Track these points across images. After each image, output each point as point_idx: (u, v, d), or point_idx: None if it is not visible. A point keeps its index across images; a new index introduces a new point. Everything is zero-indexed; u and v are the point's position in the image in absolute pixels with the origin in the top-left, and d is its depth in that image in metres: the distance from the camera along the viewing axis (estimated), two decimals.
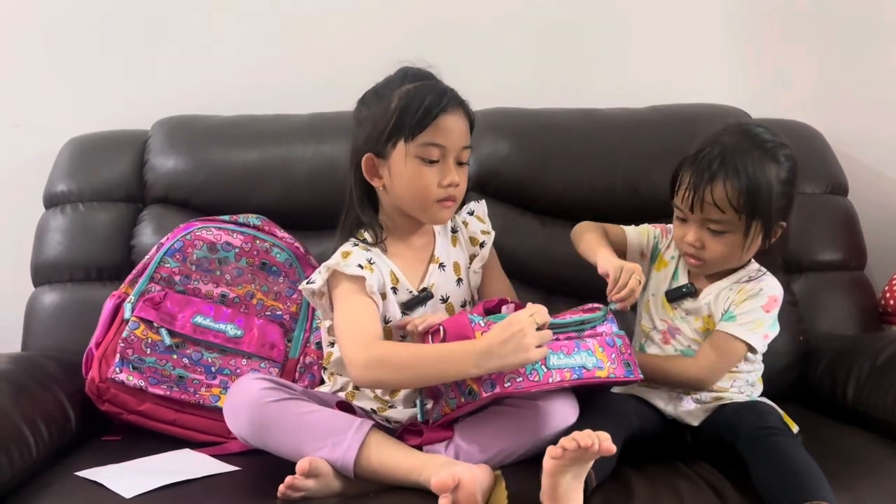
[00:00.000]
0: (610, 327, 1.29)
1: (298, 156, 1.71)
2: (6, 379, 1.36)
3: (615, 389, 1.37)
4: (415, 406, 1.33)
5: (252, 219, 1.62)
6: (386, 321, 1.34)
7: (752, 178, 1.26)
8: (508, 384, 1.18)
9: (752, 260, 1.38)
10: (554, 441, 1.23)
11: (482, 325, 1.21)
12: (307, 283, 1.35)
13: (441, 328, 1.23)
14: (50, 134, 1.81)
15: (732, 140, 1.30)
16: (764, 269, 1.37)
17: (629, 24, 1.96)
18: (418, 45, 1.90)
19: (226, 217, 1.61)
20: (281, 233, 1.62)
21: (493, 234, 1.48)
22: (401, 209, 1.36)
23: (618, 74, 1.95)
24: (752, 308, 1.32)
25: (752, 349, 1.33)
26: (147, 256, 1.57)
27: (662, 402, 1.36)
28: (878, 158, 1.96)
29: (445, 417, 1.27)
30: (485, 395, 1.20)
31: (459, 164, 1.34)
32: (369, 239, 1.36)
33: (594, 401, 1.30)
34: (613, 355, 1.25)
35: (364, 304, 1.30)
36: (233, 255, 1.57)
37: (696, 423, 1.34)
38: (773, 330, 1.35)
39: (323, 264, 1.34)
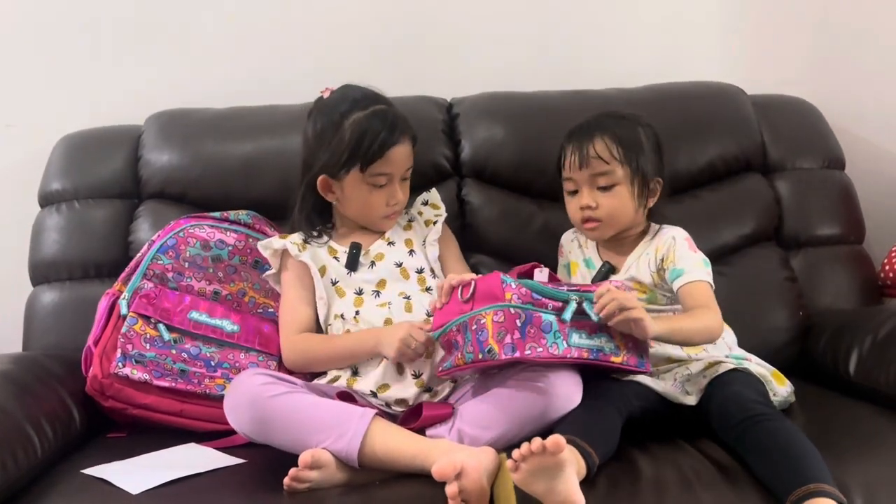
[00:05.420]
0: None
1: (294, 146, 1.69)
2: (9, 379, 1.36)
3: (615, 375, 1.37)
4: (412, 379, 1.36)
5: (242, 216, 1.61)
6: (333, 282, 1.47)
7: (624, 135, 1.44)
8: (529, 351, 1.22)
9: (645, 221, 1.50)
10: (559, 422, 1.24)
11: (513, 286, 1.26)
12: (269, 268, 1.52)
13: (472, 283, 1.29)
14: (43, 132, 1.80)
15: (600, 116, 1.50)
16: (657, 224, 1.49)
17: (623, 3, 1.95)
18: (411, 30, 1.91)
19: (216, 214, 1.60)
20: (271, 231, 1.61)
21: (444, 213, 1.58)
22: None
23: (613, 54, 1.94)
24: (681, 255, 1.41)
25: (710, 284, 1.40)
26: (139, 254, 1.57)
27: (651, 382, 1.35)
28: (875, 132, 1.95)
29: (455, 369, 1.28)
30: (503, 357, 1.21)
31: (402, 179, 1.48)
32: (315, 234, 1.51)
33: (592, 384, 1.30)
34: (631, 344, 1.29)
35: (294, 295, 1.47)
36: (226, 252, 1.57)
37: (692, 402, 1.34)
38: (708, 265, 1.42)
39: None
